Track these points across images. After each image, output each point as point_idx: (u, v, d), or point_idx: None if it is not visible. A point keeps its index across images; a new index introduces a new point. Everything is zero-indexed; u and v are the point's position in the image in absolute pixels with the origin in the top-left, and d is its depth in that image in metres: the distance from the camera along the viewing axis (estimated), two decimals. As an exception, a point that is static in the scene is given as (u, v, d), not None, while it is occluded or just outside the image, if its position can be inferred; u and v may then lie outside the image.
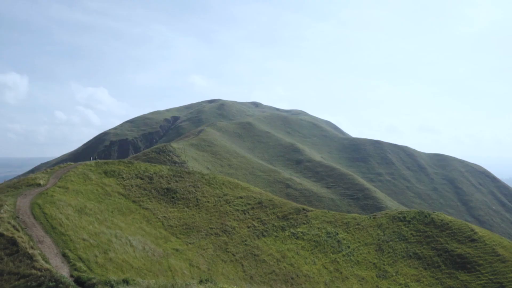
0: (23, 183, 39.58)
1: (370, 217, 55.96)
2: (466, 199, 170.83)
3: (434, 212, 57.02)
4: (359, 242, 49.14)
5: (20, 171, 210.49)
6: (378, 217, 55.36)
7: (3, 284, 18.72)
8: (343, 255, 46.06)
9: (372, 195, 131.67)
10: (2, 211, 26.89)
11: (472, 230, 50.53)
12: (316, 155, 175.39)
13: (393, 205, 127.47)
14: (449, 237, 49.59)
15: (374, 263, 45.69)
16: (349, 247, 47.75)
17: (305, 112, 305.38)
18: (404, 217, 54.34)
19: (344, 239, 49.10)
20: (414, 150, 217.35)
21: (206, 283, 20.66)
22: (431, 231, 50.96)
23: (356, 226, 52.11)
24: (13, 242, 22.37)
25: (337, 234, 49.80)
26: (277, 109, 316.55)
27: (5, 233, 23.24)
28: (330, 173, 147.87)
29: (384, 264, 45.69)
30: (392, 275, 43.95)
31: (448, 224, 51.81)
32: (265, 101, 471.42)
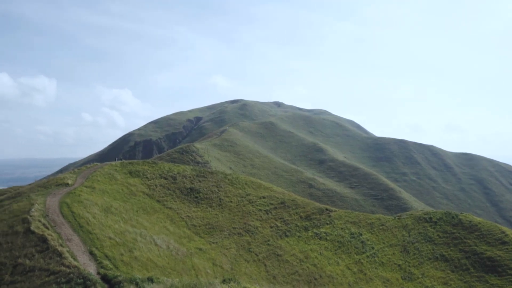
0: (52, 182, 40.78)
1: (395, 217, 54.98)
2: (496, 200, 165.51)
3: (462, 213, 55.52)
4: (383, 243, 48.36)
5: (50, 171, 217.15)
6: (403, 218, 54.33)
7: (34, 279, 19.35)
8: (367, 256, 45.43)
9: (397, 196, 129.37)
10: (33, 209, 27.79)
11: (503, 232, 48.93)
12: (339, 155, 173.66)
13: (418, 205, 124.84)
14: (478, 239, 48.18)
15: (399, 265, 44.87)
16: (373, 248, 47.05)
17: (327, 112, 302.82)
18: (430, 218, 53.13)
19: (368, 240, 48.41)
20: (440, 149, 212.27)
21: (229, 283, 20.76)
22: (459, 233, 49.64)
23: (381, 227, 51.29)
24: (43, 239, 23.09)
25: (361, 234, 49.15)
26: (299, 109, 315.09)
27: (36, 231, 24.01)
28: (354, 173, 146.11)
29: (409, 266, 44.80)
30: (418, 277, 43.05)
31: (477, 225, 50.35)
32: (287, 101, 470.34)
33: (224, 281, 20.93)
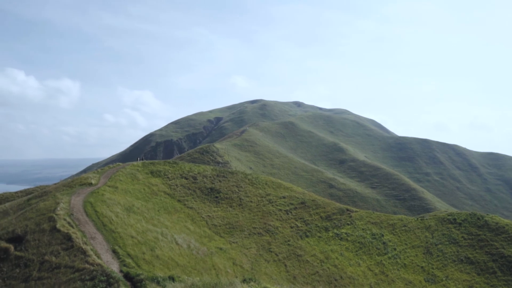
0: (77, 182, 41.75)
1: (417, 218, 53.95)
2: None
3: (488, 214, 54.00)
4: (405, 244, 47.53)
5: (74, 171, 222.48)
6: (426, 219, 53.26)
7: (60, 276, 19.86)
8: (389, 258, 44.74)
9: (420, 196, 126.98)
10: (58, 208, 28.52)
11: (531, 234, 47.39)
12: (360, 155, 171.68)
13: (442, 206, 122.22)
14: (506, 241, 46.78)
15: (422, 267, 44.02)
16: (395, 249, 46.31)
17: (348, 111, 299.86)
18: (455, 219, 51.91)
19: (390, 241, 47.68)
20: (464, 148, 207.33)
21: (250, 282, 20.80)
22: (485, 235, 48.32)
23: (403, 228, 50.43)
24: (68, 237, 23.67)
25: (383, 235, 48.45)
26: (320, 109, 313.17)
27: (61, 229, 24.64)
28: (375, 173, 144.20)
29: (433, 268, 43.89)
30: (442, 280, 42.12)
31: (504, 227, 48.88)
32: (307, 101, 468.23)
33: (244, 281, 20.98)
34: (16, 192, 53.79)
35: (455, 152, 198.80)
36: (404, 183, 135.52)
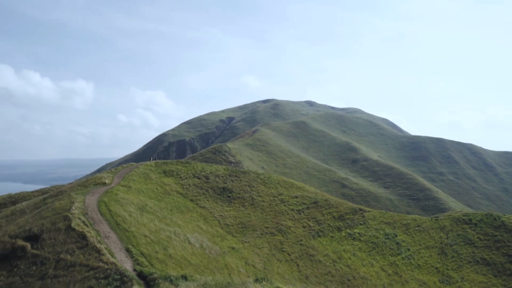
0: (91, 182, 42.30)
1: (431, 218, 53.27)
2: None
3: (504, 214, 53.03)
4: (419, 244, 46.99)
5: (88, 171, 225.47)
6: (441, 219, 52.56)
7: (75, 274, 20.16)
8: (403, 258, 44.28)
9: (434, 196, 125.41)
10: (73, 207, 28.92)
11: (549, 234, 46.41)
12: (373, 154, 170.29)
13: (457, 206, 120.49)
14: (522, 241, 45.91)
15: (436, 268, 43.46)
16: (409, 249, 45.82)
17: (361, 110, 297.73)
18: (470, 220, 51.12)
19: (403, 241, 47.19)
20: (480, 147, 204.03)
21: (262, 282, 20.80)
22: (502, 236, 47.48)
23: (417, 228, 49.86)
24: (83, 236, 24.00)
25: (396, 235, 47.97)
26: (332, 108, 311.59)
27: (76, 228, 24.99)
28: (388, 173, 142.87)
29: (447, 269, 43.30)
30: (457, 281, 41.52)
31: (520, 227, 47.99)
32: (320, 100, 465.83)
33: (257, 280, 21.00)
34: (32, 192, 54.73)
35: (470, 151, 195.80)
36: (418, 182, 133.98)
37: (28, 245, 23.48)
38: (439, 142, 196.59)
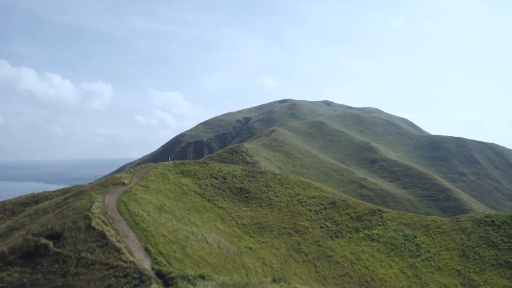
0: (110, 182, 42.98)
1: (452, 220, 52.23)
2: None
3: (528, 216, 51.61)
4: (440, 246, 46.12)
5: (107, 171, 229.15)
6: (462, 220, 51.47)
7: (95, 272, 20.53)
8: (422, 260, 43.54)
9: (455, 197, 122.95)
10: (93, 207, 29.44)
11: None
12: (391, 154, 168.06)
13: (478, 207, 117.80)
14: (547, 244, 44.60)
15: (457, 270, 42.59)
16: (428, 251, 45.03)
17: (379, 110, 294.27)
18: (493, 221, 49.90)
19: (423, 242, 46.40)
20: (503, 147, 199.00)
21: (280, 283, 20.77)
22: (525, 237, 46.21)
23: (437, 230, 48.96)
24: (103, 235, 24.41)
25: (415, 237, 47.21)
26: (350, 107, 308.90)
27: (97, 227, 25.44)
28: (407, 173, 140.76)
29: (469, 272, 42.37)
30: (480, 285, 40.59)
31: (545, 229, 46.62)
32: (337, 100, 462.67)
33: (274, 281, 20.97)
34: (54, 191, 55.95)
35: (493, 151, 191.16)
36: (438, 183, 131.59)
37: (51, 243, 24.02)
38: (459, 142, 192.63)
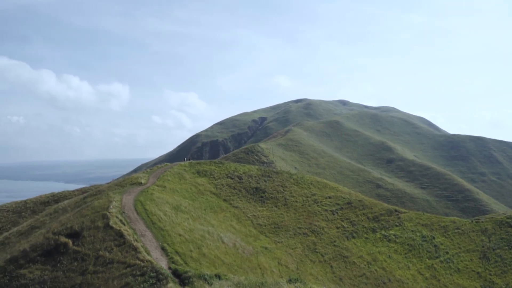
0: (127, 182, 43.55)
1: (472, 221, 51.22)
2: None
3: (551, 217, 50.23)
4: (459, 248, 45.28)
5: (125, 171, 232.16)
6: (482, 221, 50.41)
7: (113, 271, 20.84)
8: (441, 261, 42.82)
9: (474, 197, 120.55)
10: (111, 206, 29.88)
11: None
12: (408, 154, 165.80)
13: (499, 208, 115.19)
14: None
15: (478, 272, 41.74)
16: (447, 252, 44.25)
17: (395, 109, 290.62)
18: (514, 222, 48.76)
19: (441, 244, 45.63)
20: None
21: (295, 283, 20.72)
22: (548, 239, 45.02)
23: (456, 231, 48.09)
24: (120, 234, 24.77)
25: (434, 238, 46.46)
26: (366, 107, 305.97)
27: (114, 226, 25.82)
28: (425, 173, 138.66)
29: (490, 275, 41.48)
30: None
31: None
32: (353, 99, 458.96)
33: (290, 281, 20.93)
34: (73, 191, 57.00)
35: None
36: (457, 183, 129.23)
37: (70, 242, 24.50)
38: (479, 141, 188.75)
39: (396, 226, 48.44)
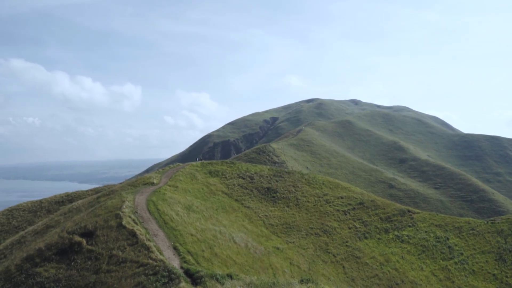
0: (140, 182, 43.91)
1: (487, 222, 50.40)
2: None
3: None
4: (474, 249, 44.60)
5: (137, 171, 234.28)
6: (498, 222, 49.57)
7: (126, 270, 21.05)
8: (455, 263, 42.24)
9: (489, 198, 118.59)
10: (124, 206, 30.17)
11: None
12: (421, 153, 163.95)
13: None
14: None
15: (494, 274, 41.05)
16: (462, 254, 43.63)
17: (408, 108, 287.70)
18: (531, 223, 47.85)
19: (456, 245, 45.01)
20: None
21: (307, 283, 20.65)
22: None
23: (470, 232, 47.37)
24: (133, 234, 24.99)
25: (448, 239, 45.85)
26: (378, 106, 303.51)
27: (127, 226, 26.06)
28: (438, 173, 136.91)
29: (507, 277, 40.76)
30: (516, 288, 39.02)
31: None
32: (364, 98, 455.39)
33: (302, 281, 20.87)
34: (87, 191, 57.75)
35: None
36: (472, 183, 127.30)
37: (84, 241, 24.82)
38: (495, 141, 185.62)
39: (409, 226, 47.94)
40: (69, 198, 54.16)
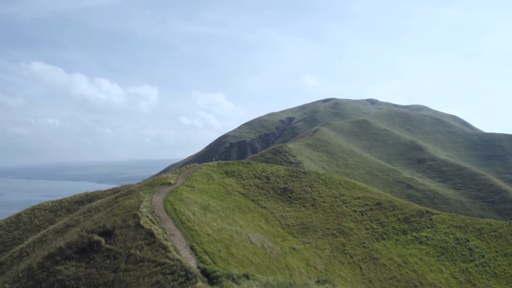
0: (157, 182, 44.38)
1: (510, 223, 49.18)
2: None
3: None
4: (496, 251, 43.57)
5: (155, 171, 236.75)
6: (520, 224, 48.33)
7: (144, 269, 21.31)
8: (476, 265, 41.34)
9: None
10: (141, 206, 30.54)
11: None
12: (440, 153, 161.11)
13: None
14: None
15: (515, 276, 40.01)
16: (483, 256, 42.68)
17: (426, 107, 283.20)
18: (555, 225, 46.48)
19: (477, 247, 44.06)
20: None
21: (324, 284, 20.53)
22: None
23: (492, 233, 46.30)
24: (150, 233, 25.27)
25: (468, 241, 44.92)
26: (395, 105, 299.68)
27: (145, 225, 26.38)
28: (458, 173, 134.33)
29: (529, 278, 39.69)
30: (540, 292, 37.96)
31: None
32: (381, 98, 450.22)
33: (318, 282, 20.76)
34: (105, 191, 58.65)
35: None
36: (493, 184, 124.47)
37: (103, 240, 25.23)
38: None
39: (428, 228, 47.16)
40: (88, 198, 55.12)
